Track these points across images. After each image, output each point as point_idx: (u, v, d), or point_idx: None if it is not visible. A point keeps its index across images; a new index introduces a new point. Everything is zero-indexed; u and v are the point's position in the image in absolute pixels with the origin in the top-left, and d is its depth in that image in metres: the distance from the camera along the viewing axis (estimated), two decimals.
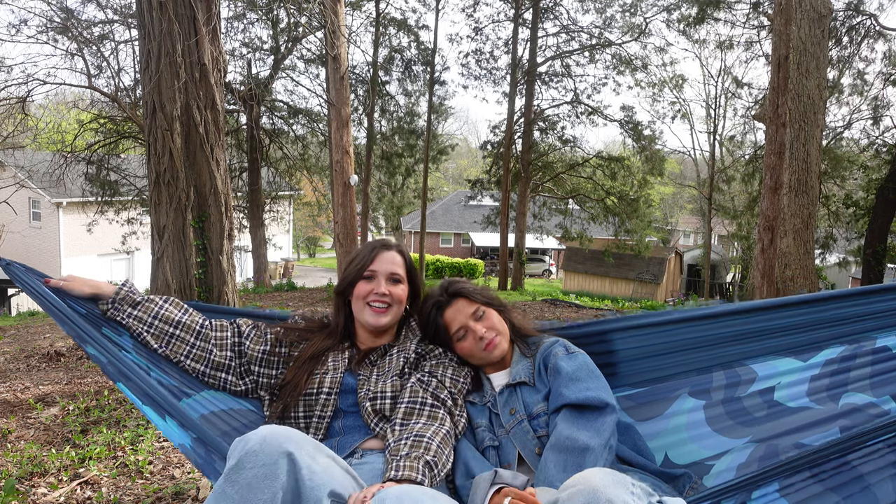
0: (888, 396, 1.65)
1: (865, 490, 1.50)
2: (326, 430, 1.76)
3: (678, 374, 1.90)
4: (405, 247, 2.02)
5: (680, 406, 1.87)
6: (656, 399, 1.91)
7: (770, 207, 6.39)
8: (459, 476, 1.67)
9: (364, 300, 1.87)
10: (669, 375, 1.91)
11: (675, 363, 1.91)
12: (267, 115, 17.13)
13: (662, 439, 1.85)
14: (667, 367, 1.92)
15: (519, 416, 1.74)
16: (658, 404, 1.90)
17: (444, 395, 1.76)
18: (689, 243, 41.60)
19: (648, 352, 1.93)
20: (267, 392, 1.92)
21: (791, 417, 1.72)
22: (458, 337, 1.87)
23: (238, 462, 1.28)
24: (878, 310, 1.73)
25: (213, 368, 1.89)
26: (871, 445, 1.50)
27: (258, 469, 1.27)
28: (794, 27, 7.42)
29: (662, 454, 1.84)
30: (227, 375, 1.90)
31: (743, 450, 1.73)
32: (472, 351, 1.86)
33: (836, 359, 1.74)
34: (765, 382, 1.80)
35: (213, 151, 5.49)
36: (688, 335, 1.89)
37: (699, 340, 1.88)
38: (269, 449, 1.28)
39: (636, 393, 1.94)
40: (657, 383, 1.92)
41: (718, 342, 1.86)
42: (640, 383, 1.94)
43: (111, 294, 1.90)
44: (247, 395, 1.95)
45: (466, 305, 1.87)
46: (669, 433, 1.85)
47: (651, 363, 1.93)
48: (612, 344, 1.96)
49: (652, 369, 1.93)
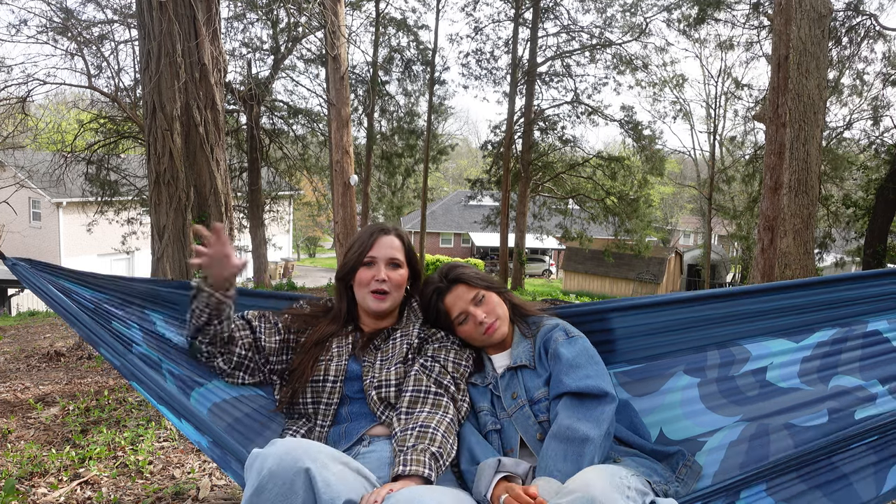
0: (876, 380, 1.69)
1: (848, 487, 1.55)
2: (334, 417, 1.81)
3: (674, 352, 1.95)
4: (403, 230, 2.03)
5: (675, 383, 1.91)
6: (652, 375, 1.95)
7: (770, 207, 6.39)
8: (464, 461, 1.70)
9: (366, 287, 1.89)
10: (665, 353, 1.95)
11: (671, 341, 1.95)
12: (267, 115, 17.14)
13: (658, 415, 1.90)
14: (663, 345, 1.96)
15: (520, 400, 1.77)
16: (654, 381, 1.94)
17: (447, 380, 1.79)
18: (689, 243, 41.59)
19: (645, 330, 1.97)
20: (278, 377, 1.95)
21: (782, 398, 1.77)
22: (459, 322, 1.89)
23: (258, 486, 1.35)
24: (871, 294, 1.76)
25: (234, 368, 1.90)
26: (855, 448, 1.55)
27: (277, 489, 1.34)
28: (794, 27, 7.42)
29: (658, 430, 1.88)
30: (244, 374, 1.92)
31: (734, 427, 1.78)
32: (472, 335, 1.89)
33: (828, 341, 1.78)
34: (758, 362, 1.83)
35: (213, 151, 5.49)
36: (684, 315, 1.93)
37: (695, 320, 1.92)
38: (285, 468, 1.34)
39: (633, 369, 1.98)
40: (653, 360, 1.96)
41: (714, 322, 1.90)
42: (637, 360, 1.99)
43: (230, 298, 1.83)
44: (260, 385, 1.96)
45: (466, 291, 1.89)
46: (664, 409, 1.89)
47: (647, 341, 1.97)
48: (609, 322, 2.00)
49: (648, 347, 1.97)
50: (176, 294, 2.06)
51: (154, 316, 2.02)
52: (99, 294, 1.94)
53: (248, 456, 1.42)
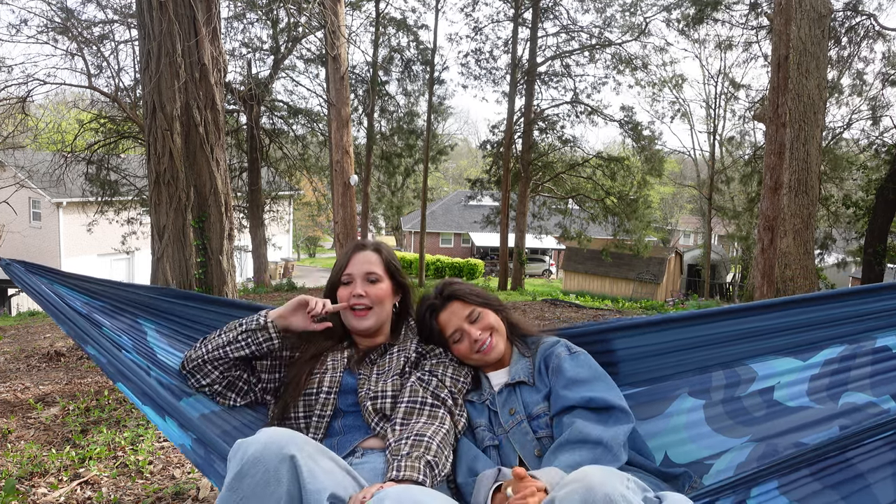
0: (888, 396, 1.66)
1: (865, 489, 1.49)
2: (326, 430, 1.76)
3: (678, 373, 1.90)
4: (384, 245, 1.97)
5: (679, 405, 1.87)
6: (656, 398, 1.91)
7: (770, 207, 6.39)
8: (461, 475, 1.67)
9: (347, 305, 1.86)
10: (669, 375, 1.91)
11: (674, 363, 1.91)
12: (267, 115, 17.14)
13: (662, 438, 1.86)
14: (666, 367, 1.92)
15: (518, 416, 1.73)
16: (658, 404, 1.90)
17: (444, 394, 1.76)
18: (689, 243, 41.59)
19: (648, 351, 1.93)
20: (272, 395, 1.92)
21: (790, 417, 1.73)
22: (454, 340, 1.86)
23: (240, 470, 1.28)
24: (878, 309, 1.73)
25: (226, 388, 1.87)
26: (871, 443, 1.50)
27: (260, 476, 1.27)
28: (794, 27, 7.42)
29: (662, 453, 1.84)
30: (236, 396, 1.89)
31: (742, 449, 1.74)
32: (467, 354, 1.85)
33: (836, 358, 1.74)
34: (764, 382, 1.79)
35: (213, 151, 5.49)
36: (687, 335, 1.89)
37: (698, 340, 1.88)
38: (270, 454, 1.28)
39: (636, 392, 1.94)
40: (657, 383, 1.92)
41: (718, 342, 1.86)
42: (640, 382, 1.94)
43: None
44: (251, 405, 1.93)
45: (461, 308, 1.86)
46: (669, 432, 1.85)
47: (650, 363, 1.93)
48: (611, 343, 1.96)
49: (651, 369, 1.93)
50: (172, 304, 2.04)
51: (146, 325, 2.00)
52: (92, 301, 1.93)
53: (233, 446, 1.35)
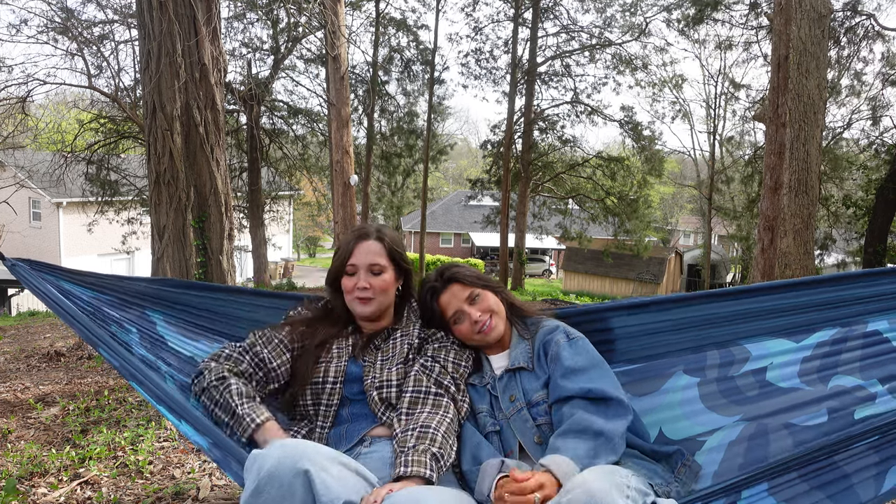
0: (876, 380, 1.69)
1: (849, 489, 1.54)
2: (334, 418, 1.81)
3: (673, 351, 1.94)
4: (387, 231, 1.97)
5: (675, 383, 1.91)
6: (652, 375, 1.95)
7: (770, 207, 6.39)
8: (466, 462, 1.70)
9: (350, 294, 1.89)
10: (665, 353, 1.95)
11: (670, 341, 1.95)
12: (267, 115, 17.14)
13: (657, 415, 1.90)
14: (662, 345, 1.96)
15: (518, 403, 1.77)
16: (653, 381, 1.94)
17: (447, 381, 1.79)
18: (689, 243, 41.58)
19: (645, 330, 1.97)
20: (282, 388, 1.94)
21: (782, 397, 1.77)
22: (454, 321, 1.89)
23: (256, 487, 1.34)
24: (871, 294, 1.75)
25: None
26: (858, 447, 1.55)
27: (275, 491, 1.34)
28: (793, 27, 7.42)
29: (657, 429, 1.88)
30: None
31: (734, 427, 1.78)
32: (468, 335, 1.88)
33: (828, 341, 1.77)
34: (758, 362, 1.83)
35: (213, 151, 5.50)
36: (683, 315, 1.93)
37: (695, 320, 1.92)
38: (284, 469, 1.34)
39: (632, 369, 1.98)
40: (653, 360, 1.96)
41: (713, 322, 1.90)
42: (636, 360, 1.98)
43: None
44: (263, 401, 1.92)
45: (461, 290, 1.89)
46: (664, 409, 1.90)
47: (647, 341, 1.97)
48: (609, 322, 2.01)
49: (648, 346, 1.97)
50: (178, 294, 2.05)
51: (155, 316, 2.01)
52: (98, 295, 1.94)
53: (248, 457, 1.42)
